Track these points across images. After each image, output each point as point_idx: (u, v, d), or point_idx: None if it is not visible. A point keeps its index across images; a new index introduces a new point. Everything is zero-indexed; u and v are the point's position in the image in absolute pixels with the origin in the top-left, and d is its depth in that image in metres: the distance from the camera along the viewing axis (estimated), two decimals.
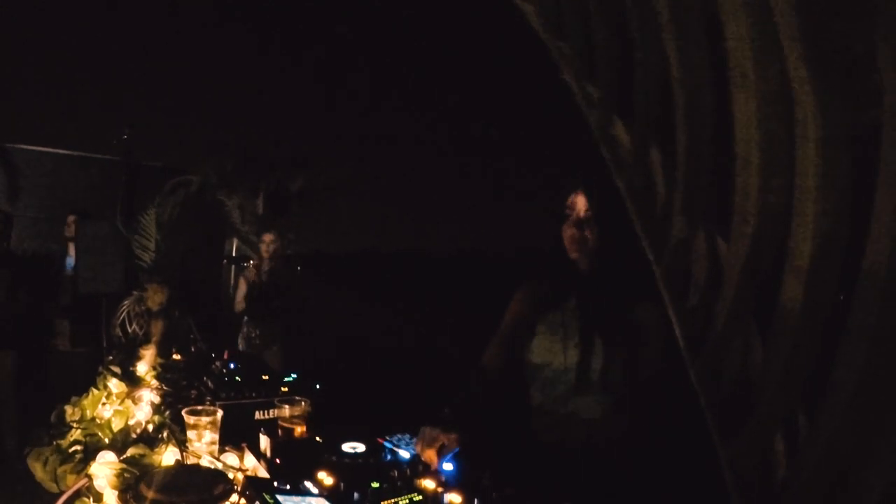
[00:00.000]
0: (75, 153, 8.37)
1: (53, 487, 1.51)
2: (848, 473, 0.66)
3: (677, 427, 1.44)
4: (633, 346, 1.49)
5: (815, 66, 0.61)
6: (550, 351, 1.58)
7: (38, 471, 1.56)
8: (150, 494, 1.08)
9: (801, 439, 0.70)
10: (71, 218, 4.40)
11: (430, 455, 1.34)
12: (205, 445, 1.45)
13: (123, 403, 1.84)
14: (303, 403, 1.56)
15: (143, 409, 1.78)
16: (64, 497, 1.30)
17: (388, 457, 1.37)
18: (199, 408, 1.51)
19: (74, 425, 1.70)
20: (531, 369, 1.61)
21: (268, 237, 4.47)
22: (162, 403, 1.79)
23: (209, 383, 1.93)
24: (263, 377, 2.05)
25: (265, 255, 4.41)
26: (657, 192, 0.79)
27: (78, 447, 1.57)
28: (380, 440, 1.47)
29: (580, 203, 1.54)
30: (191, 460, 1.37)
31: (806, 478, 0.68)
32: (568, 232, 1.56)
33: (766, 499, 0.72)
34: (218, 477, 1.17)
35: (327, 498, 1.12)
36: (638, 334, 1.49)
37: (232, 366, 2.20)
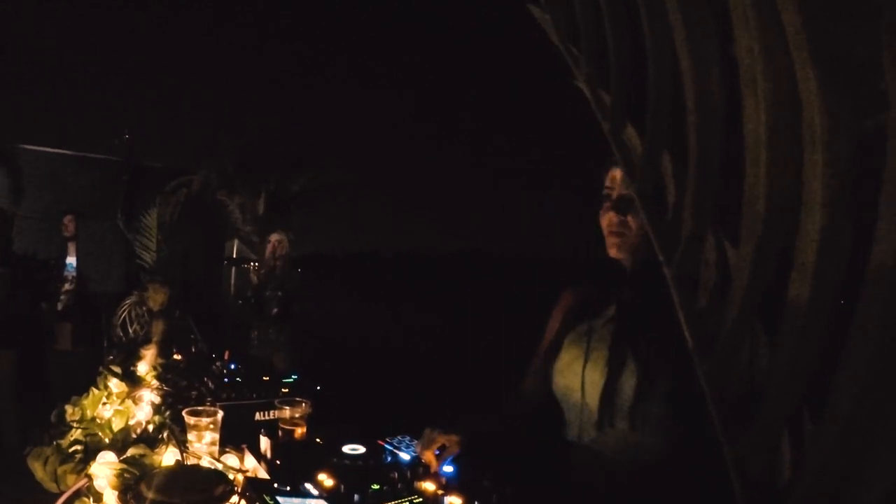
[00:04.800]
0: (76, 153, 8.39)
1: (53, 487, 1.51)
2: (853, 474, 0.66)
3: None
4: (680, 363, 1.10)
5: (821, 71, 0.61)
6: (570, 371, 1.29)
7: (38, 470, 1.56)
8: (150, 495, 1.08)
9: (807, 439, 0.70)
10: (67, 218, 4.42)
11: (429, 457, 1.34)
12: (205, 446, 1.44)
13: (124, 403, 1.84)
14: (303, 405, 1.56)
15: (143, 410, 1.78)
16: (64, 497, 1.30)
17: (389, 459, 1.37)
18: (200, 408, 1.51)
19: (74, 425, 1.70)
20: (556, 393, 1.33)
21: (273, 237, 4.42)
22: (162, 404, 1.79)
23: (210, 384, 1.93)
24: (264, 378, 2.05)
25: (268, 255, 4.37)
26: (668, 196, 0.79)
27: (78, 447, 1.57)
28: (380, 442, 1.47)
29: (621, 180, 1.21)
30: (191, 461, 1.37)
31: (811, 478, 0.68)
32: (605, 216, 1.24)
33: (772, 498, 0.72)
34: (218, 478, 1.16)
35: (327, 500, 1.12)
36: (685, 353, 1.13)
37: (232, 366, 2.21)
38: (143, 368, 2.23)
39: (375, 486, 1.15)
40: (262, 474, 1.33)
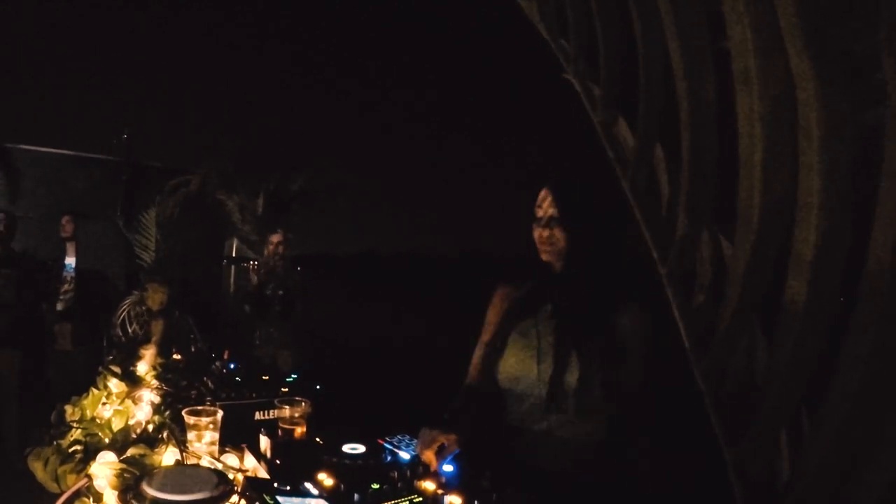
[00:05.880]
0: (76, 153, 8.38)
1: (54, 487, 1.51)
2: (851, 473, 0.66)
3: (661, 447, 1.37)
4: (614, 357, 1.38)
5: (818, 66, 0.60)
6: (523, 363, 1.49)
7: (39, 471, 1.56)
8: (150, 495, 1.08)
9: (805, 439, 0.70)
10: (65, 218, 4.41)
11: (429, 456, 1.34)
12: (205, 446, 1.44)
13: (123, 403, 1.84)
14: (303, 404, 1.56)
15: (143, 409, 1.77)
16: (64, 497, 1.30)
17: (388, 458, 1.37)
18: (200, 408, 1.51)
19: (74, 425, 1.70)
20: (503, 382, 1.53)
21: (274, 237, 4.42)
22: (162, 403, 1.79)
23: (209, 383, 1.93)
24: (263, 377, 2.05)
25: (269, 255, 4.37)
26: (661, 192, 0.79)
27: (78, 447, 1.57)
28: (380, 441, 1.47)
29: (546, 201, 1.47)
30: (191, 461, 1.37)
31: (809, 477, 0.68)
32: (536, 232, 1.49)
33: (770, 499, 0.72)
34: (218, 477, 1.17)
35: (327, 499, 1.12)
36: (620, 344, 1.40)
37: (232, 366, 2.21)
38: (142, 368, 2.23)
39: (375, 486, 1.15)
40: (262, 474, 1.33)
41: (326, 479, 1.16)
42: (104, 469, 1.32)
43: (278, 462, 1.33)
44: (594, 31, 0.80)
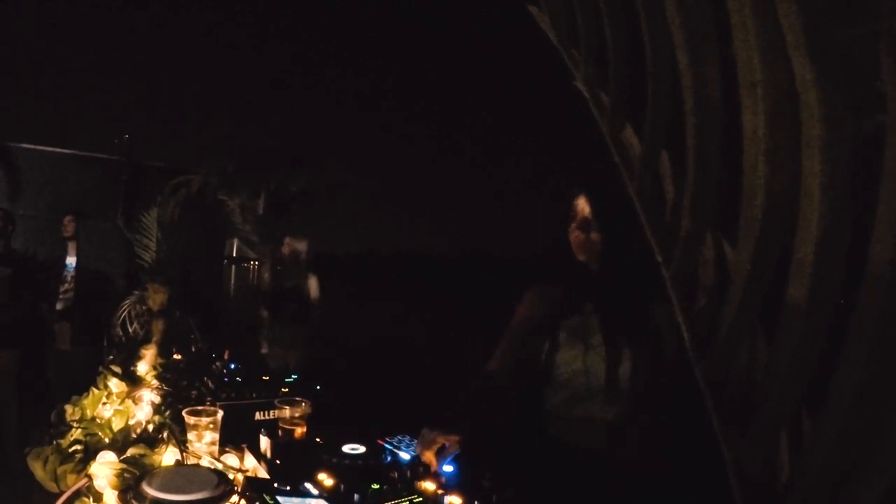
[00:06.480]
0: (76, 153, 8.36)
1: (53, 487, 1.51)
2: (851, 473, 0.66)
3: (696, 426, 1.46)
4: (657, 346, 1.50)
5: (820, 73, 0.61)
6: (573, 357, 1.58)
7: (38, 470, 1.56)
8: (150, 495, 1.08)
9: (805, 440, 0.70)
10: (67, 218, 4.40)
11: (429, 457, 1.34)
12: (205, 446, 1.45)
13: (124, 403, 1.84)
14: (303, 404, 1.56)
15: (143, 409, 1.78)
16: (64, 497, 1.30)
17: (389, 458, 1.37)
18: (200, 408, 1.51)
19: (75, 425, 1.70)
20: (553, 375, 1.60)
21: (287, 239, 4.45)
22: (162, 403, 1.79)
23: (209, 383, 1.93)
24: (264, 378, 2.05)
25: (283, 256, 4.41)
26: (666, 197, 0.79)
27: (78, 447, 1.57)
28: (380, 441, 1.47)
29: (583, 205, 1.58)
30: (191, 461, 1.37)
31: (810, 478, 0.68)
32: (573, 234, 1.59)
33: (771, 499, 0.72)
34: (218, 477, 1.17)
35: (327, 499, 1.12)
36: (659, 334, 1.51)
37: (232, 366, 2.21)
38: (143, 368, 2.23)
39: (375, 486, 1.15)
40: (262, 474, 1.33)
41: (326, 479, 1.16)
42: (104, 469, 1.32)
43: (278, 462, 1.34)
44: (604, 40, 0.81)
